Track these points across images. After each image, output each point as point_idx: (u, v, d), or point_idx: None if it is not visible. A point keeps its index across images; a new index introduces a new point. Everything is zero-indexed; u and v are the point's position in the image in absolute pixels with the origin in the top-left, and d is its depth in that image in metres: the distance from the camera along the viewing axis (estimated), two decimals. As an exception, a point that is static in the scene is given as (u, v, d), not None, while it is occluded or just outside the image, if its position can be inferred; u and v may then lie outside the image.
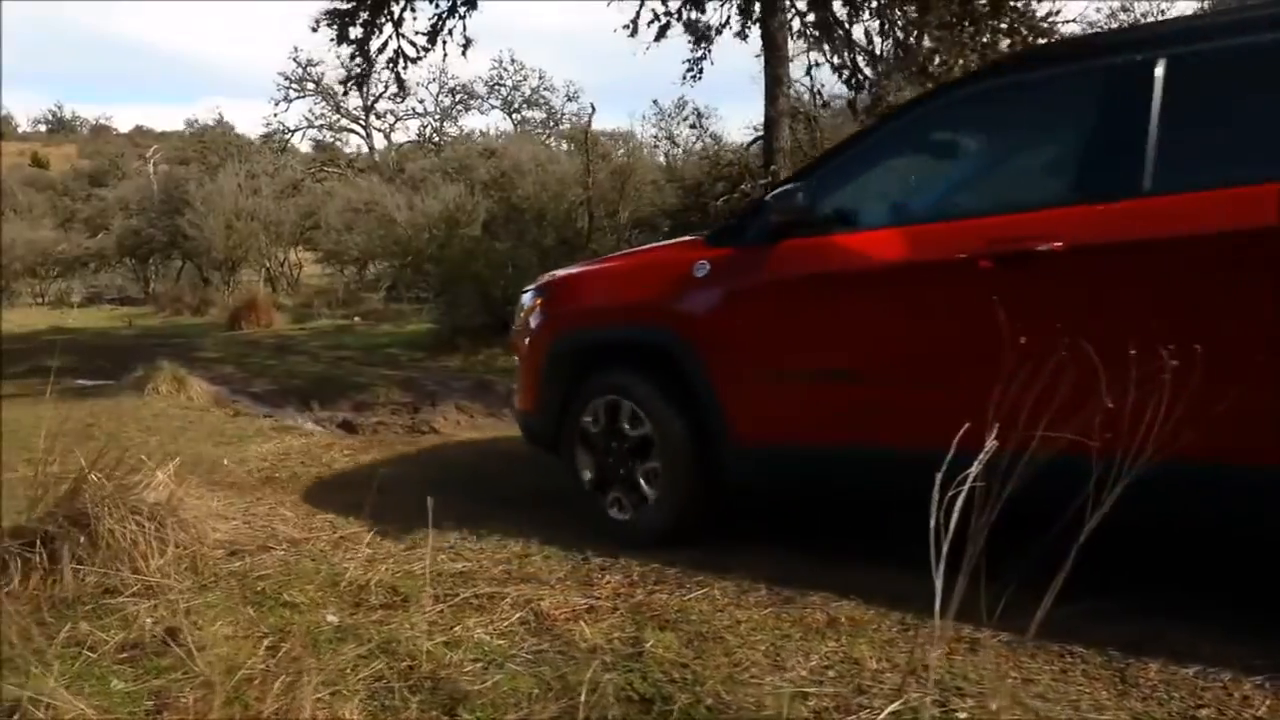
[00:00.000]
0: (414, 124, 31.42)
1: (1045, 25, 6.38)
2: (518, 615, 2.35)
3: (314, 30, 8.73)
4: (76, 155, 47.30)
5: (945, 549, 1.43)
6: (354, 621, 2.34)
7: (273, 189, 17.55)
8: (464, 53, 10.14)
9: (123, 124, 57.45)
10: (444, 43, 9.78)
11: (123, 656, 2.23)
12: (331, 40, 8.95)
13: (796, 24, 8.69)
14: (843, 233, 2.74)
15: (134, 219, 20.29)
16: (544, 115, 29.98)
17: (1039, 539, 1.68)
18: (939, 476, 2.11)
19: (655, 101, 23.32)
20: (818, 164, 3.01)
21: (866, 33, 8.32)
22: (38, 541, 2.71)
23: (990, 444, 1.78)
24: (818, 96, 9.53)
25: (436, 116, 28.79)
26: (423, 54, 9.69)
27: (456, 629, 2.25)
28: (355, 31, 8.68)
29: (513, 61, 29.81)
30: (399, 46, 9.40)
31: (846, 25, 7.51)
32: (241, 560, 2.90)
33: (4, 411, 6.20)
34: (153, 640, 2.30)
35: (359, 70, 9.17)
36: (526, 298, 3.78)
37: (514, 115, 30.02)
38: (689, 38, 11.38)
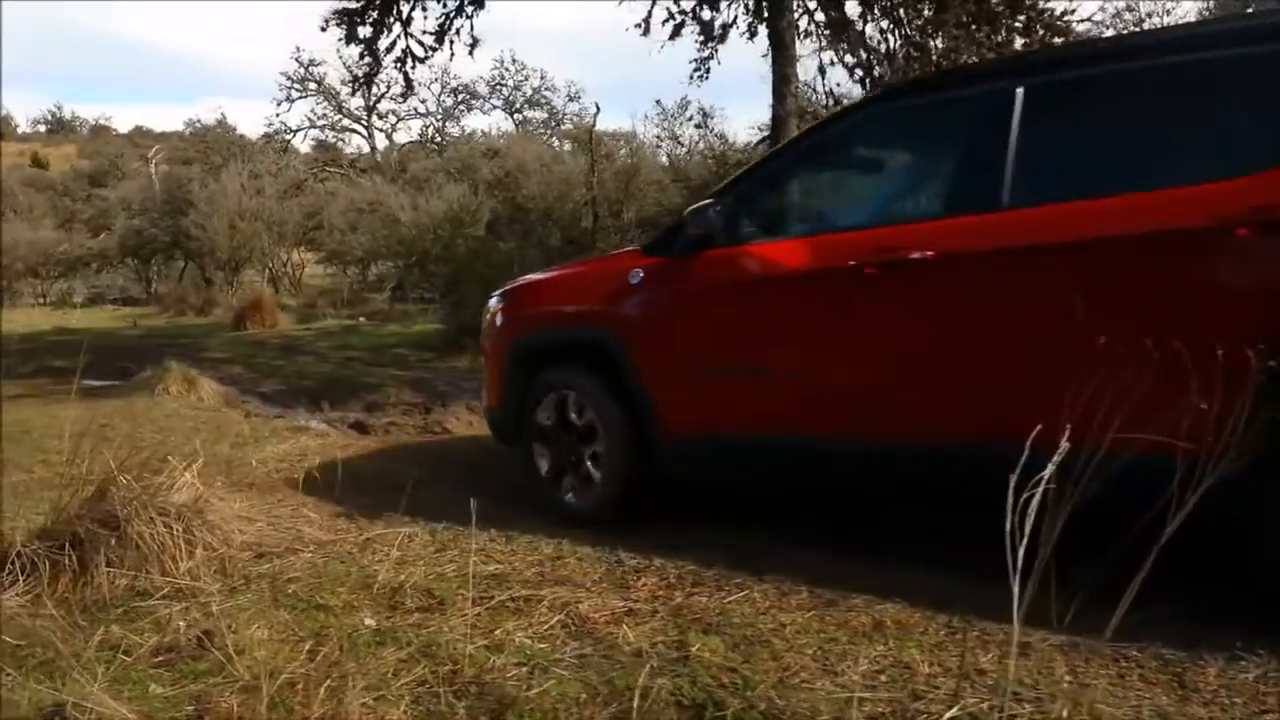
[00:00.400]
0: (416, 124, 31.35)
1: (1061, 24, 6.36)
2: (556, 618, 2.32)
3: (323, 30, 8.70)
4: (76, 155, 47.21)
5: (1021, 553, 1.40)
6: (392, 625, 2.31)
7: (276, 189, 17.50)
8: (471, 52, 10.11)
9: (122, 124, 57.34)
10: (451, 42, 9.77)
11: (159, 660, 2.20)
12: (339, 40, 8.91)
13: (806, 24, 8.65)
14: (752, 244, 3.09)
15: (136, 219, 20.24)
16: (545, 115, 29.92)
17: (1115, 541, 1.65)
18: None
19: (658, 102, 23.26)
20: (733, 183, 3.32)
21: (881, 32, 8.28)
22: (66, 544, 2.68)
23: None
24: (829, 96, 9.49)
25: (439, 117, 28.72)
26: (430, 53, 9.67)
27: (497, 633, 2.22)
28: (364, 31, 8.65)
29: (514, 61, 29.74)
30: (407, 46, 9.38)
31: (860, 25, 7.47)
32: (270, 563, 2.87)
33: (15, 412, 6.18)
34: (188, 644, 2.27)
35: (367, 69, 9.14)
36: (492, 303, 4.10)
37: (515, 115, 29.98)
38: (698, 38, 11.35)
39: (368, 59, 9.00)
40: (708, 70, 12.02)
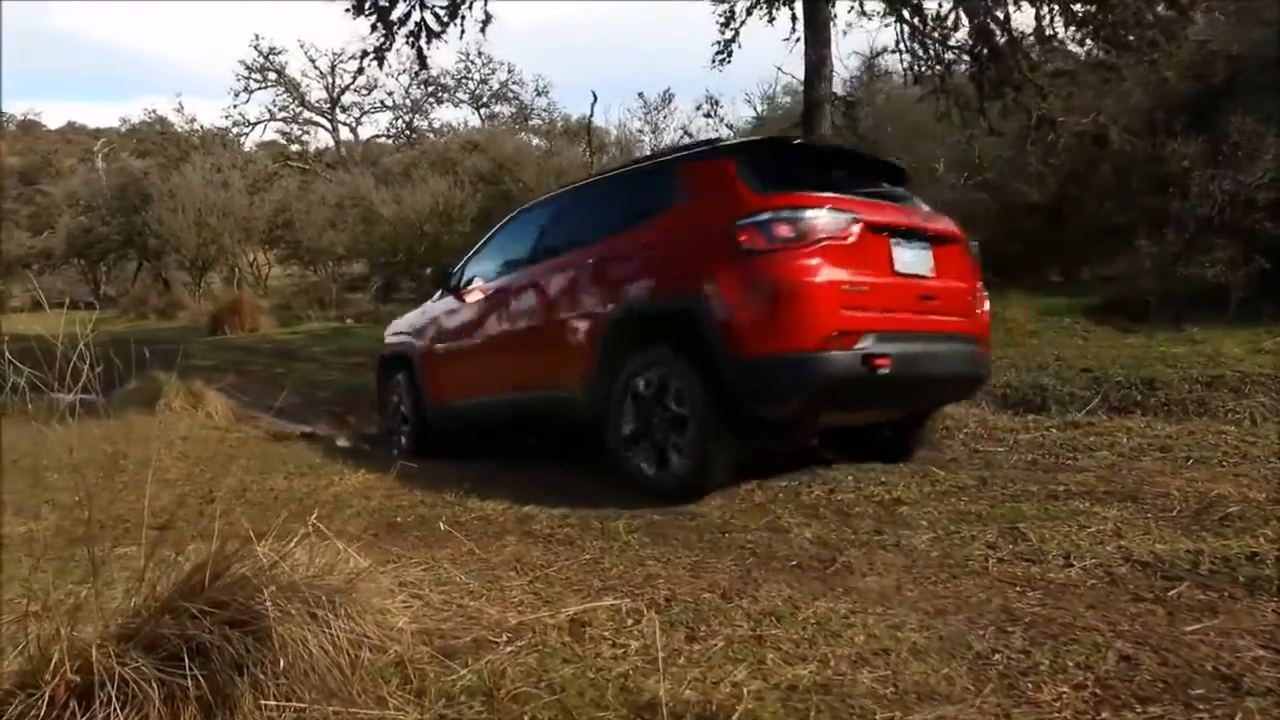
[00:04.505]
0: (382, 118, 29.92)
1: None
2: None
3: (332, -3, 7.72)
4: (5, 152, 44.61)
5: None
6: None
7: (244, 183, 16.26)
8: (483, 29, 9.32)
9: (52, 121, 54.28)
10: (463, 18, 8.99)
11: None
12: (348, 10, 7.99)
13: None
14: (466, 288, 5.41)
15: (84, 216, 18.76)
16: (514, 110, 28.82)
17: None
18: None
19: (641, 94, 22.54)
20: (471, 253, 5.77)
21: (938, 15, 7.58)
22: (185, 655, 1.79)
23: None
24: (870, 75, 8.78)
25: (406, 110, 27.38)
26: (444, 28, 8.83)
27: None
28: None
29: (479, 54, 28.57)
30: (421, 18, 8.49)
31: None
32: (464, 666, 2.00)
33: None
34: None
35: (379, 43, 8.21)
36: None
37: (482, 110, 28.84)
38: (721, 18, 10.68)
39: (380, 31, 8.06)
40: (730, 54, 11.34)
